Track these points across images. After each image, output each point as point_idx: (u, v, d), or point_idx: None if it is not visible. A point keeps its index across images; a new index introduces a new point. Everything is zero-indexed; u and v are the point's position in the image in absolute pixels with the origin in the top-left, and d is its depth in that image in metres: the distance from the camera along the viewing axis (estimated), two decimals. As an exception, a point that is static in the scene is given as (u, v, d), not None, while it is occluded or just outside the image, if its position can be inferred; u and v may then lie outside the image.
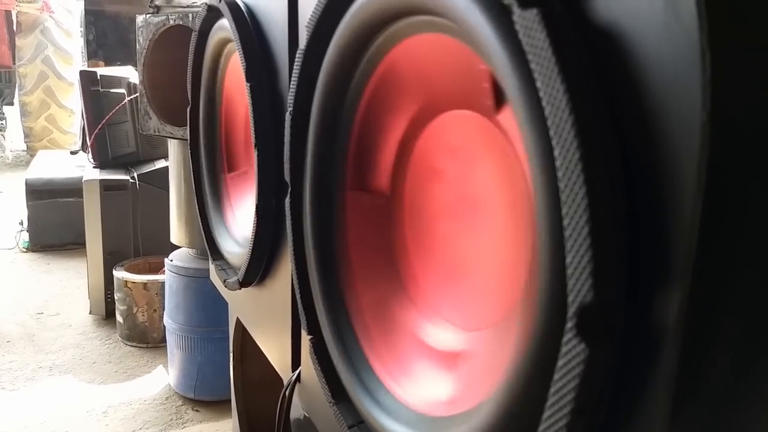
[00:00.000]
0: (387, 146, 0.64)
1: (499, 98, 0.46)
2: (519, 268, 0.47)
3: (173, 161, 2.32)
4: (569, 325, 0.34)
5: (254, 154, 0.87)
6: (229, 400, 1.61)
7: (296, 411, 1.01)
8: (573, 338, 0.34)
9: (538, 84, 0.35)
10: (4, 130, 7.32)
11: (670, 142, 0.32)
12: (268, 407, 1.27)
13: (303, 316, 0.72)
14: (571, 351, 0.34)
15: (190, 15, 1.81)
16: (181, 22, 1.83)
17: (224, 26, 0.97)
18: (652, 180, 0.33)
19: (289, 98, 0.68)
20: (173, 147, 2.29)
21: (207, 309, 2.27)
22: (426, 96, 0.58)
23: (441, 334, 0.57)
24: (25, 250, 4.12)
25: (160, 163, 3.19)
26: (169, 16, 1.85)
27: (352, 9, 0.57)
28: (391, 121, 0.62)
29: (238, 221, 1.11)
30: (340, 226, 0.67)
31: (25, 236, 4.13)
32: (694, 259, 0.32)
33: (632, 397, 0.35)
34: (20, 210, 4.32)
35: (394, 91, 0.60)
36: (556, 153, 0.34)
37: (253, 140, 0.85)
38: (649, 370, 0.34)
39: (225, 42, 1.01)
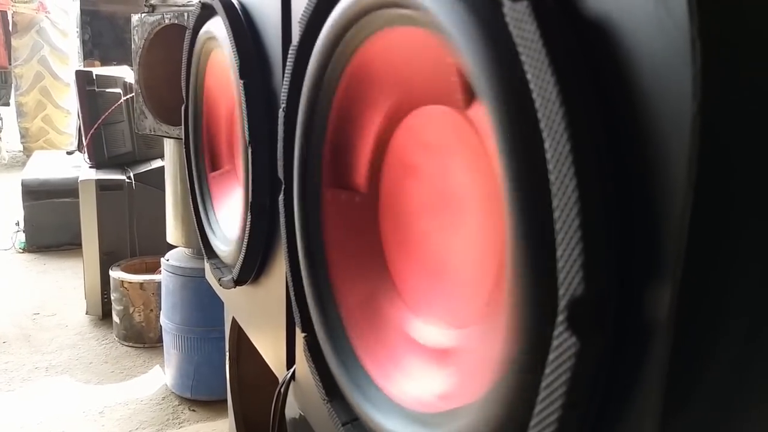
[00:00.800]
0: (363, 143, 0.63)
1: (470, 93, 0.45)
2: (498, 262, 0.47)
3: (169, 161, 2.31)
4: (560, 318, 0.34)
5: (246, 151, 0.87)
6: (226, 400, 1.61)
7: (291, 410, 1.01)
8: (564, 332, 0.34)
9: (529, 76, 0.34)
10: (0, 131, 7.30)
11: (661, 133, 0.32)
12: (265, 407, 1.26)
13: (297, 314, 0.72)
14: (562, 345, 0.34)
15: (186, 14, 1.81)
16: (176, 21, 1.83)
17: (209, 25, 0.97)
18: (643, 172, 0.33)
19: (282, 95, 0.68)
20: (169, 146, 2.28)
21: (203, 309, 2.27)
22: (399, 91, 0.57)
23: (430, 331, 0.56)
24: (21, 250, 4.12)
25: (156, 163, 3.19)
26: (165, 15, 1.84)
27: (342, 3, 0.56)
28: (366, 117, 0.61)
29: (233, 219, 1.11)
30: (320, 224, 0.67)
31: (22, 237, 4.13)
32: (685, 252, 0.32)
33: (623, 393, 0.35)
34: (16, 211, 4.32)
35: (367, 87, 0.60)
36: (546, 145, 0.33)
37: (246, 138, 0.85)
38: (640, 365, 0.34)
39: (208, 40, 1.01)
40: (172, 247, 2.43)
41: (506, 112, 0.35)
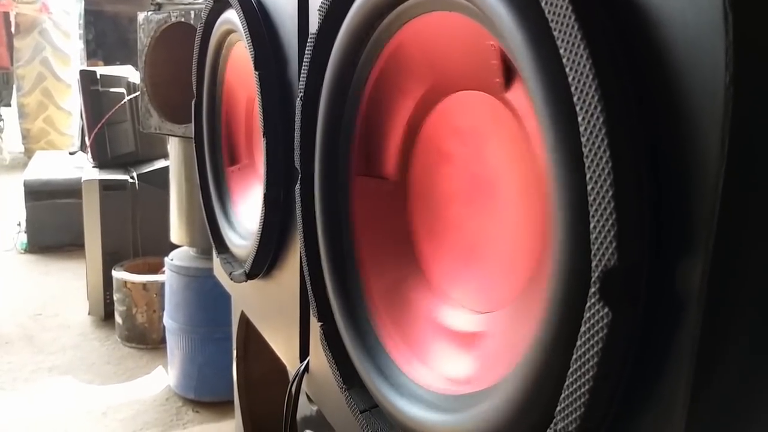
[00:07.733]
0: (394, 131, 0.64)
1: (509, 75, 0.46)
2: (531, 243, 0.47)
3: (174, 159, 2.31)
4: (593, 289, 0.34)
5: (262, 144, 0.87)
6: (230, 401, 1.60)
7: (302, 405, 1.01)
8: (596, 302, 0.34)
9: (561, 51, 0.35)
10: (2, 132, 7.30)
11: (694, 104, 0.32)
12: (271, 404, 1.26)
13: (314, 304, 0.72)
14: (595, 316, 0.34)
15: (192, 12, 1.81)
16: (182, 19, 1.83)
17: (227, 18, 0.98)
18: (675, 144, 0.33)
19: (300, 84, 0.68)
20: (174, 145, 2.28)
21: (207, 309, 2.27)
22: (433, 78, 0.58)
23: (458, 315, 0.57)
24: (23, 251, 4.11)
25: (160, 163, 3.19)
26: (171, 13, 1.85)
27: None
28: (398, 104, 0.62)
29: (244, 214, 1.11)
30: (348, 213, 0.67)
31: (23, 238, 4.12)
32: (717, 223, 0.32)
33: (655, 364, 0.36)
34: (18, 211, 4.31)
35: (400, 73, 0.60)
36: (579, 118, 0.34)
37: (261, 130, 0.85)
38: (671, 337, 0.35)
39: (227, 34, 1.01)
40: (175, 247, 2.43)
41: (547, 88, 0.35)
